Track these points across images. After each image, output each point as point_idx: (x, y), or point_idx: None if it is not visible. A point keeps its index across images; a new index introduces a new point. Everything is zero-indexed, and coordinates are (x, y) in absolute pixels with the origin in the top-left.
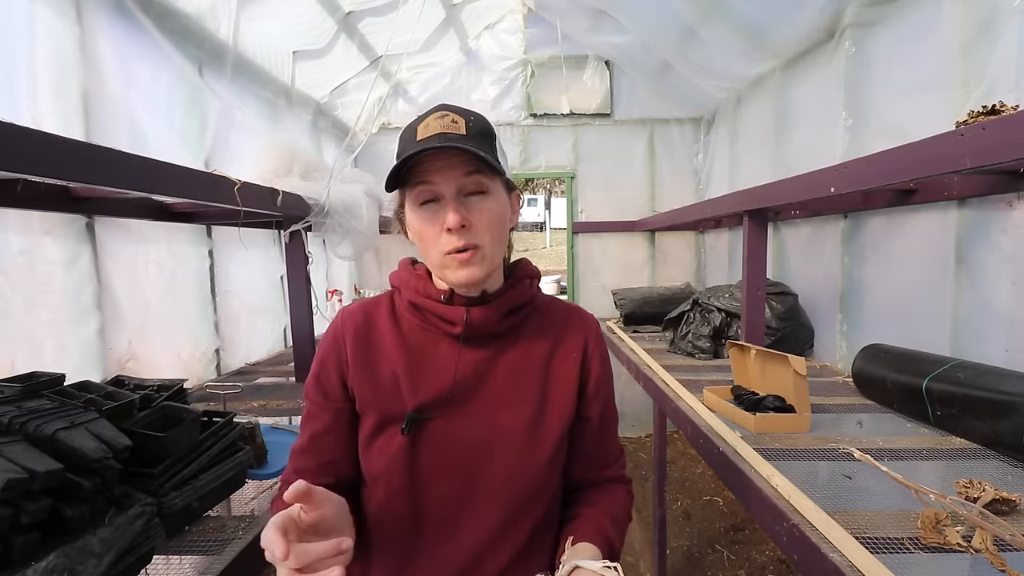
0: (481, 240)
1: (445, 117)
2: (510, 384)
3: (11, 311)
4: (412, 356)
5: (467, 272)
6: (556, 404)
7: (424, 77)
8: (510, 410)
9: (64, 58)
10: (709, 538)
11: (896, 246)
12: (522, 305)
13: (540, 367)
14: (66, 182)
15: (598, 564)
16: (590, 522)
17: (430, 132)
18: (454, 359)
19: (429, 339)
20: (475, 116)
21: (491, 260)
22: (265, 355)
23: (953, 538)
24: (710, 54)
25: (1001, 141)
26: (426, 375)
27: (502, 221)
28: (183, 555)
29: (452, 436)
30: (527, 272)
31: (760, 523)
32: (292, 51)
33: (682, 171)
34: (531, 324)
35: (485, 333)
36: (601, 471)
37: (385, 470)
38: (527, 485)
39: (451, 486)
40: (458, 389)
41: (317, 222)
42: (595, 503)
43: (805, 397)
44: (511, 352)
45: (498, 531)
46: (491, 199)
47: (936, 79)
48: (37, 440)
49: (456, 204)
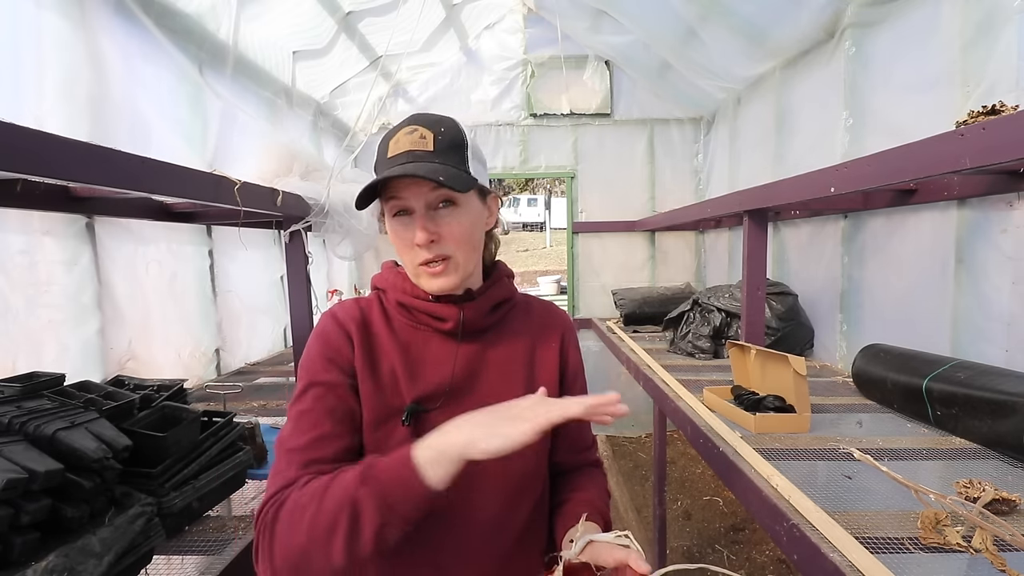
0: (451, 251)
1: (414, 132)
2: (499, 375)
3: (12, 311)
4: (407, 353)
5: (439, 283)
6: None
7: (424, 77)
8: (501, 400)
9: (68, 59)
10: (709, 538)
11: (896, 246)
12: (504, 301)
13: (525, 358)
14: (66, 182)
15: (610, 535)
16: (586, 504)
17: (400, 149)
18: (451, 354)
19: (420, 336)
20: (446, 127)
21: (464, 267)
22: (265, 355)
23: (953, 538)
24: (710, 54)
25: (1001, 141)
26: (422, 370)
27: (473, 229)
28: (183, 555)
29: None
30: (505, 271)
31: (760, 523)
32: (292, 51)
33: (682, 171)
34: (513, 319)
35: (475, 328)
36: (580, 455)
37: None
38: (523, 471)
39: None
40: (455, 382)
41: (317, 222)
42: (583, 487)
43: (805, 397)
44: (498, 345)
45: (499, 516)
46: (460, 211)
47: (936, 79)
48: (37, 440)
49: (424, 220)
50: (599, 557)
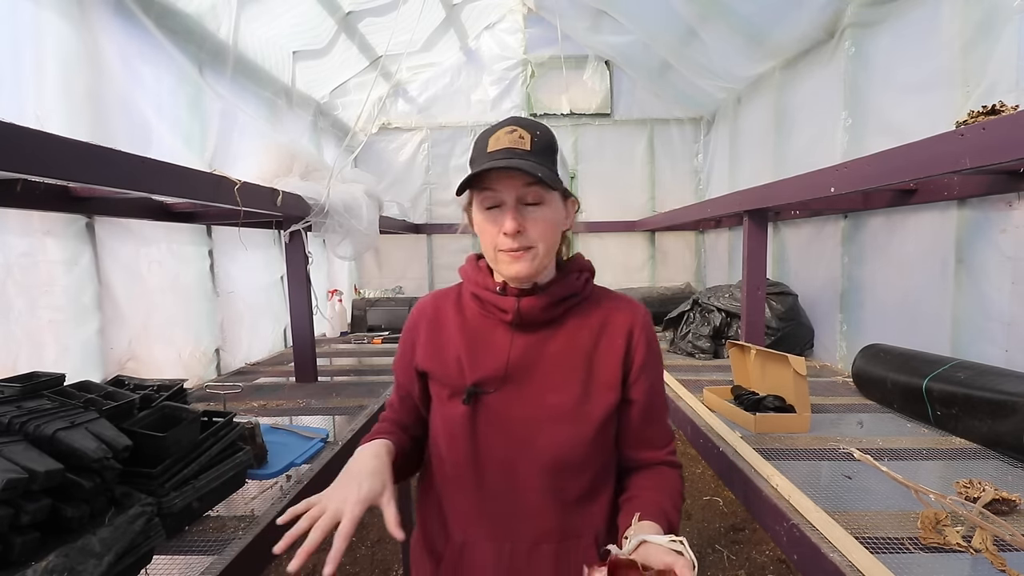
0: (534, 242)
1: (514, 132)
2: (557, 368)
3: (12, 311)
4: (472, 339)
5: (517, 267)
6: (600, 387)
7: (424, 77)
8: (557, 393)
9: (68, 59)
10: (709, 538)
11: (896, 246)
12: (568, 296)
13: (585, 353)
14: (66, 182)
15: (665, 539)
16: (649, 502)
17: (500, 146)
18: (508, 343)
19: (487, 325)
20: (541, 131)
21: (541, 259)
22: (265, 355)
23: (953, 538)
24: (710, 54)
25: (1001, 141)
26: (483, 356)
27: (555, 227)
28: (183, 555)
29: (506, 410)
30: (578, 266)
31: (760, 523)
32: (292, 51)
33: (682, 171)
34: (578, 313)
35: (533, 321)
36: (650, 452)
37: (449, 433)
38: (571, 458)
39: (504, 451)
40: (511, 369)
41: (317, 222)
42: (649, 485)
43: (805, 397)
44: (558, 339)
45: (544, 495)
46: (546, 208)
47: (936, 79)
48: (37, 440)
49: (515, 212)
50: (649, 558)
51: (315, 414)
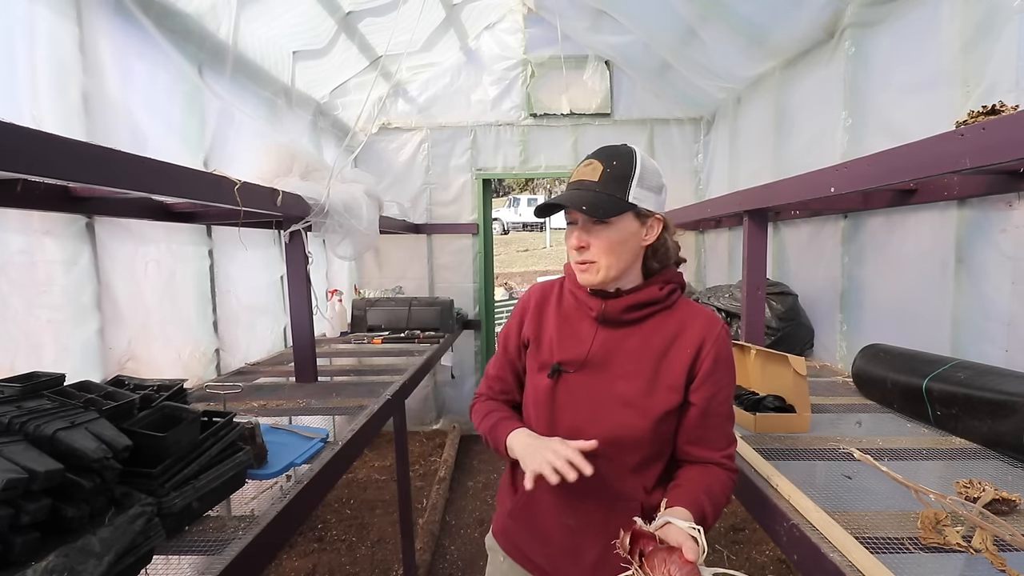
0: (595, 257)
1: (589, 165)
2: (629, 362)
3: (11, 311)
4: (563, 325)
5: (584, 278)
6: (664, 387)
7: (424, 77)
8: (627, 382)
9: (64, 58)
10: (709, 538)
11: (896, 246)
12: (648, 303)
13: (657, 354)
14: (66, 182)
15: (686, 524)
16: (688, 492)
17: (575, 177)
18: (591, 335)
19: (578, 316)
20: (619, 160)
21: (606, 272)
22: (265, 355)
23: (953, 538)
24: (710, 54)
25: (1001, 141)
26: (570, 341)
27: (619, 245)
28: (183, 555)
29: (581, 388)
30: (664, 278)
31: (760, 523)
32: (292, 51)
33: (682, 171)
34: (659, 319)
35: (614, 319)
36: (705, 451)
37: (534, 400)
38: (628, 438)
39: (574, 421)
40: (591, 356)
41: (317, 222)
42: (694, 477)
43: (805, 397)
44: (635, 337)
45: (601, 463)
46: (609, 228)
47: (936, 79)
48: (37, 440)
49: (580, 232)
50: (668, 536)
51: (315, 414)
